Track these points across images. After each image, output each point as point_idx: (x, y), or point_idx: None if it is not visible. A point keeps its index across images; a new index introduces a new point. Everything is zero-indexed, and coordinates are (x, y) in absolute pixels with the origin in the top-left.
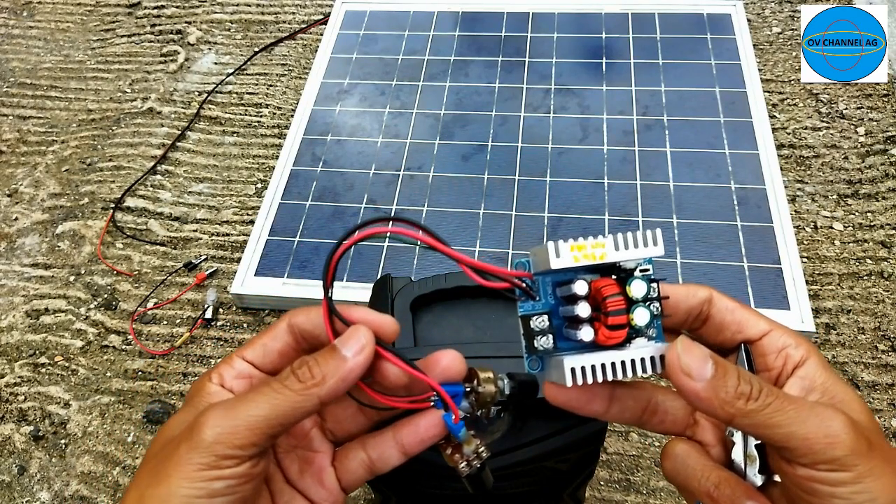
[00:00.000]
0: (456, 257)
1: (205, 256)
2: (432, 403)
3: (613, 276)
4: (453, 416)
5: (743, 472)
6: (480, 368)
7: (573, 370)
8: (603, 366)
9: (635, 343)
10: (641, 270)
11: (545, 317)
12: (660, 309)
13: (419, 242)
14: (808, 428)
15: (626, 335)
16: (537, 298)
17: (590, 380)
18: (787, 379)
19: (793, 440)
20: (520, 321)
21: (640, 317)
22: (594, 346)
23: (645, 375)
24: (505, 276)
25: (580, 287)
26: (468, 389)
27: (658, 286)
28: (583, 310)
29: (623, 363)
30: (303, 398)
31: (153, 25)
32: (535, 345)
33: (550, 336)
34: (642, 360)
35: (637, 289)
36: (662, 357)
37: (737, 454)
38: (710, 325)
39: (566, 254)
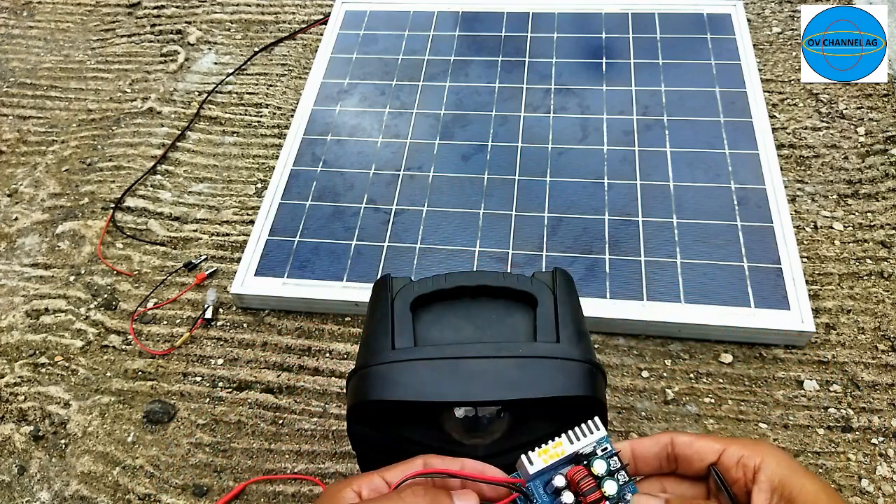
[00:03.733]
0: (466, 476)
1: (205, 256)
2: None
3: (584, 463)
4: None
5: None
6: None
7: None
8: None
9: None
10: (602, 450)
11: None
12: (626, 474)
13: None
14: None
15: (610, 502)
16: (535, 501)
17: None
18: (753, 486)
19: None
20: None
21: (610, 487)
22: None
23: None
24: (507, 484)
25: (558, 481)
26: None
27: (619, 457)
28: (567, 497)
29: None
30: None
31: (153, 25)
32: None
33: None
34: None
35: (598, 467)
36: None
37: None
38: (681, 463)
39: (537, 459)
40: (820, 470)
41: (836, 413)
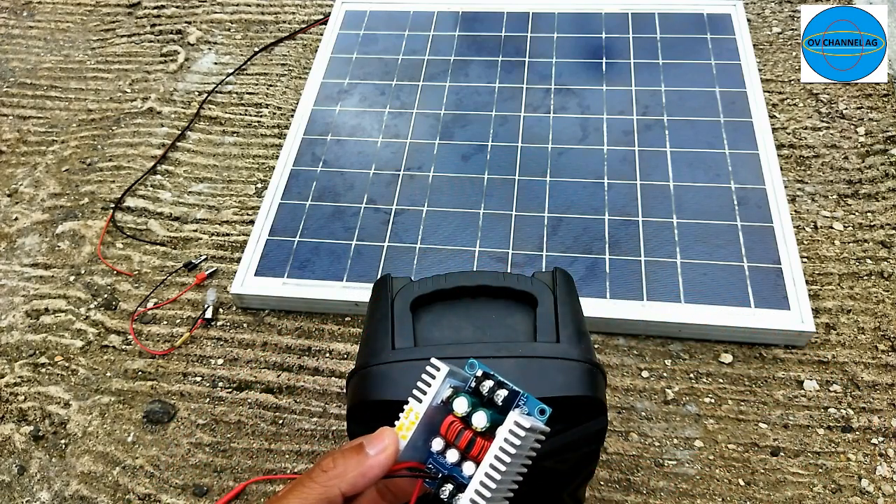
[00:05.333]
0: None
1: (205, 256)
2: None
3: (449, 409)
4: None
5: None
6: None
7: (477, 492)
8: (486, 474)
9: (499, 432)
10: (474, 379)
11: (447, 484)
12: (507, 388)
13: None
14: None
15: (484, 439)
16: (438, 474)
17: (493, 485)
18: None
19: None
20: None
21: (479, 420)
22: (479, 466)
23: (518, 443)
24: (406, 472)
25: (436, 445)
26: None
27: (492, 376)
28: (452, 456)
29: (496, 456)
30: (325, 489)
31: (153, 25)
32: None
33: (461, 494)
34: (504, 439)
35: (459, 406)
36: (516, 422)
37: None
38: None
39: (401, 438)
40: (820, 470)
41: (836, 413)
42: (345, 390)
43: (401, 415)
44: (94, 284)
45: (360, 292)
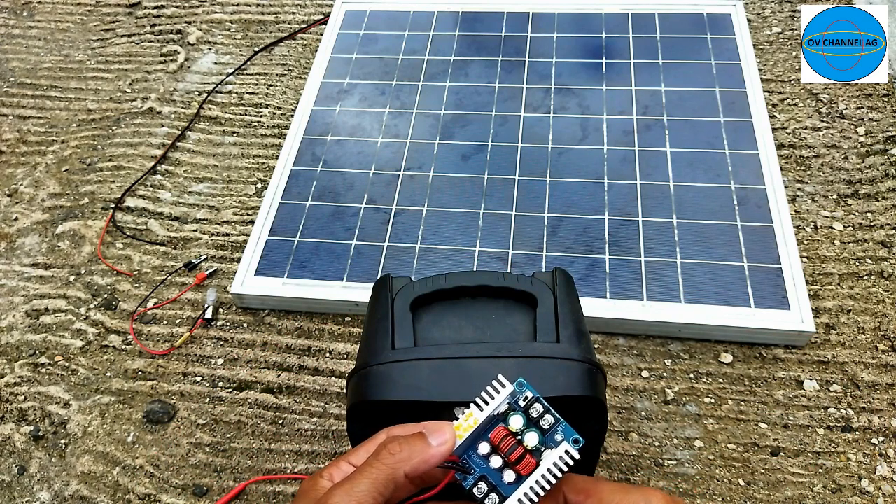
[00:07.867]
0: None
1: (205, 256)
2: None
3: (502, 422)
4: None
5: None
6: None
7: (520, 501)
8: (531, 488)
9: (545, 456)
10: (523, 400)
11: (482, 483)
12: (553, 417)
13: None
14: None
15: (532, 457)
16: (474, 471)
17: (535, 500)
18: None
19: None
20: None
21: (530, 439)
22: (522, 478)
23: (566, 470)
24: (444, 464)
25: (483, 448)
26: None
27: (541, 401)
28: (495, 462)
29: (544, 476)
30: (392, 471)
31: (153, 25)
32: None
33: (494, 494)
34: (554, 463)
35: (514, 423)
36: (567, 451)
37: None
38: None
39: (457, 437)
40: (820, 470)
41: (836, 413)
42: (345, 390)
43: (460, 416)
44: (94, 284)
45: (360, 292)
